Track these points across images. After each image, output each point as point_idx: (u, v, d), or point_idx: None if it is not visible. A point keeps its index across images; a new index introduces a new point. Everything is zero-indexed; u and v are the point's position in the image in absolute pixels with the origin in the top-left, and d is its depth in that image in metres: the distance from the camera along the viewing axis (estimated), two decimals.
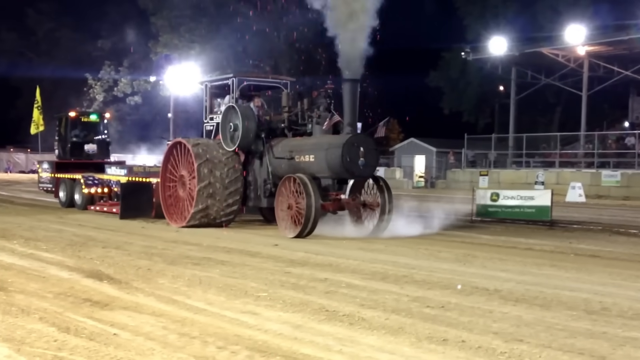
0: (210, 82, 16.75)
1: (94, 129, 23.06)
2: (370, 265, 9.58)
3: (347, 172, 13.02)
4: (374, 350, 5.33)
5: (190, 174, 14.74)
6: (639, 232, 14.11)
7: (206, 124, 16.56)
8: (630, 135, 34.31)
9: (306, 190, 12.63)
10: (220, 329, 5.92)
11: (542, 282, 8.34)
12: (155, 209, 16.21)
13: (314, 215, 12.61)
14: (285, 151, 14.03)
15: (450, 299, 7.21)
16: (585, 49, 33.88)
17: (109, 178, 18.91)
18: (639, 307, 6.85)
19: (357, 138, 12.94)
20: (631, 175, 30.06)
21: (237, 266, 9.39)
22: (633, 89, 38.60)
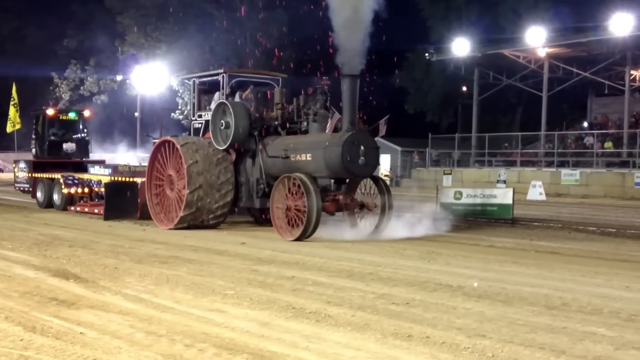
0: (198, 79, 16.01)
1: (72, 127, 22.10)
2: (336, 262, 9.59)
3: (347, 172, 12.39)
4: (340, 346, 5.34)
5: (179, 174, 14.10)
6: (598, 229, 14.33)
7: (194, 122, 15.92)
8: (588, 135, 34.85)
9: (307, 190, 11.98)
10: (187, 327, 5.88)
11: (504, 278, 8.42)
12: (140, 210, 15.56)
13: (315, 217, 11.92)
14: (279, 150, 13.36)
15: (415, 296, 7.26)
16: (546, 50, 34.32)
17: (89, 178, 18.28)
18: (598, 303, 6.96)
19: (358, 136, 12.30)
20: (590, 174, 30.54)
21: (205, 264, 9.33)
22: (591, 90, 39.20)
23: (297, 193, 12.23)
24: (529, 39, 33.58)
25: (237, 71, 15.70)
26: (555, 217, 17.70)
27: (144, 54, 46.49)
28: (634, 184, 28.29)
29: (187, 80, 16.34)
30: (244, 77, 15.46)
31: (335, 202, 12.56)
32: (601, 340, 5.53)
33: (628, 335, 5.68)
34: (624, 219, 17.52)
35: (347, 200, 12.70)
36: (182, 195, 13.78)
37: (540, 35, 33.26)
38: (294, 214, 12.25)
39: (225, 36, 46.44)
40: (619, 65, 33.85)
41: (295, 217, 12.23)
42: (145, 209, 15.13)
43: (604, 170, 30.75)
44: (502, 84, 38.96)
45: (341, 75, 12.32)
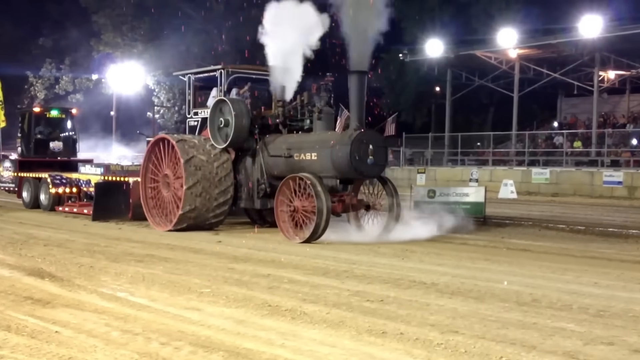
0: (194, 75, 15.27)
1: (59, 126, 21.31)
2: (312, 260, 9.59)
3: (355, 172, 11.79)
4: (315, 343, 5.34)
5: (175, 173, 13.38)
6: (567, 227, 14.47)
7: (189, 120, 15.21)
8: (558, 135, 35.20)
9: (316, 191, 11.37)
10: (163, 325, 5.84)
11: (476, 275, 8.48)
12: (132, 210, 14.83)
13: (325, 219, 11.36)
14: (282, 149, 12.75)
15: (389, 293, 7.28)
16: (517, 52, 34.57)
17: (78, 177, 17.58)
18: (568, 299, 7.03)
19: (366, 135, 11.75)
20: (559, 172, 30.84)
21: (181, 263, 9.28)
22: (561, 90, 39.57)
23: (305, 194, 11.67)
24: (501, 40, 33.81)
25: (236, 67, 14.91)
26: (525, 215, 17.83)
27: (119, 53, 46.09)
28: (602, 183, 28.61)
29: (182, 76, 15.57)
30: (242, 74, 14.76)
31: (341, 203, 11.95)
32: (570, 336, 5.59)
33: (596, 331, 5.75)
34: (593, 217, 17.72)
35: (353, 200, 12.25)
36: (179, 195, 13.11)
37: (512, 36, 33.50)
38: (302, 216, 11.68)
39: (202, 36, 46.19)
40: (587, 67, 34.21)
41: (303, 219, 11.67)
42: (137, 210, 14.52)
43: (573, 169, 31.06)
44: (475, 85, 39.20)
45: (349, 71, 11.83)
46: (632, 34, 29.18)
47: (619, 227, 14.72)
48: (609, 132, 32.58)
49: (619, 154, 31.59)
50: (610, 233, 13.58)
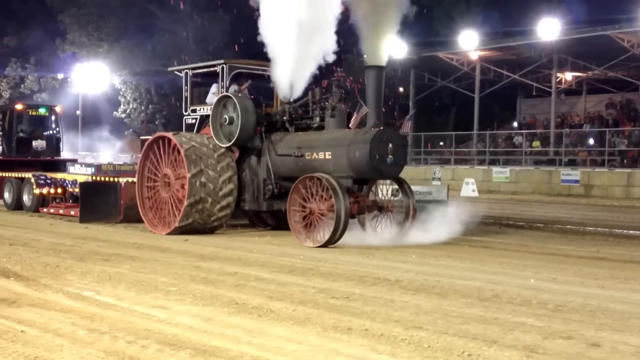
0: (192, 70, 14.21)
1: (42, 124, 20.39)
2: (278, 258, 9.57)
3: (375, 172, 11.09)
4: (282, 340, 5.33)
5: (176, 173, 12.50)
6: (526, 224, 14.66)
7: (186, 117, 14.13)
8: (518, 135, 35.68)
9: (334, 192, 10.62)
10: (130, 324, 5.78)
11: (439, 272, 8.54)
12: (123, 212, 14.06)
13: (344, 221, 10.61)
14: (291, 147, 11.98)
15: (355, 290, 7.29)
16: (478, 53, 34.92)
17: (63, 177, 16.69)
18: (527, 294, 7.12)
19: (386, 133, 11.11)
20: (519, 171, 31.24)
21: (147, 261, 9.19)
22: (520, 91, 40.07)
23: (320, 195, 10.96)
24: (462, 42, 34.14)
25: (238, 62, 13.90)
26: (486, 212, 18.04)
27: (85, 53, 45.52)
28: (559, 181, 29.06)
29: (179, 72, 14.55)
30: (243, 69, 13.76)
31: (356, 204, 11.15)
32: (530, 330, 5.66)
33: (555, 325, 5.83)
34: (551, 214, 17.98)
35: (368, 202, 11.61)
36: (180, 196, 12.34)
37: (473, 39, 33.85)
38: (317, 219, 10.95)
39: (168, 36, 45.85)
40: (546, 68, 34.71)
41: (318, 222, 10.95)
42: (129, 212, 13.80)
43: (532, 168, 31.50)
44: (437, 85, 39.51)
45: (365, 66, 11.28)
46: (588, 36, 29.71)
47: (576, 224, 14.97)
48: (567, 132, 33.12)
49: (576, 153, 32.14)
50: (568, 230, 13.80)
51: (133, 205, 13.59)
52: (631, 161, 29.48)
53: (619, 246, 11.45)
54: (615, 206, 22.03)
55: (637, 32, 28.55)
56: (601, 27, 29.34)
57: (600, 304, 6.65)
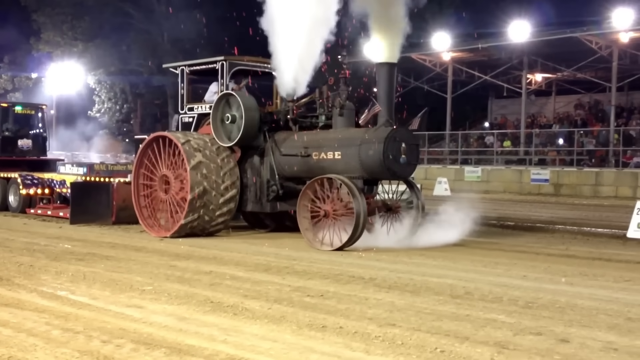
0: (188, 67, 13.48)
1: (28, 123, 19.61)
2: (253, 257, 9.54)
3: (388, 172, 10.63)
4: (257, 338, 5.32)
5: (176, 174, 11.93)
6: (498, 222, 14.77)
7: (183, 116, 13.46)
8: (489, 135, 35.94)
9: (352, 193, 10.15)
10: (104, 323, 5.72)
11: (412, 270, 8.57)
12: (116, 214, 13.49)
13: (362, 223, 10.15)
14: (297, 147, 11.51)
15: (329, 288, 7.30)
16: (450, 55, 35.12)
17: (50, 177, 16.05)
18: (498, 291, 7.17)
19: (399, 132, 10.66)
20: (490, 170, 31.47)
21: (122, 261, 9.11)
22: (492, 92, 40.36)
23: (331, 196, 10.51)
24: (435, 44, 34.30)
25: (239, 58, 13.12)
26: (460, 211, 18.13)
27: (59, 52, 45.02)
28: (530, 180, 29.33)
29: (174, 69, 13.75)
30: (244, 66, 13.10)
31: (367, 206, 10.51)
32: (501, 327, 5.70)
33: (525, 322, 5.88)
34: (521, 213, 18.13)
35: (378, 203, 11.20)
36: (179, 197, 11.77)
37: (445, 40, 34.03)
38: (331, 221, 10.46)
39: (143, 36, 45.52)
40: (516, 70, 35.00)
41: (330, 224, 10.47)
42: (121, 213, 13.34)
43: (503, 167, 31.75)
44: (410, 86, 39.65)
45: (377, 63, 10.85)
46: (557, 39, 30.02)
47: (545, 222, 15.12)
48: (537, 132, 33.44)
49: (546, 153, 32.48)
50: (538, 228, 13.93)
51: (126, 206, 13.20)
52: (599, 161, 29.86)
53: (587, 244, 11.58)
54: (583, 205, 22.29)
55: (605, 34, 28.92)
56: (570, 30, 29.67)
57: (569, 300, 6.73)
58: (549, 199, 25.57)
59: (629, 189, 26.22)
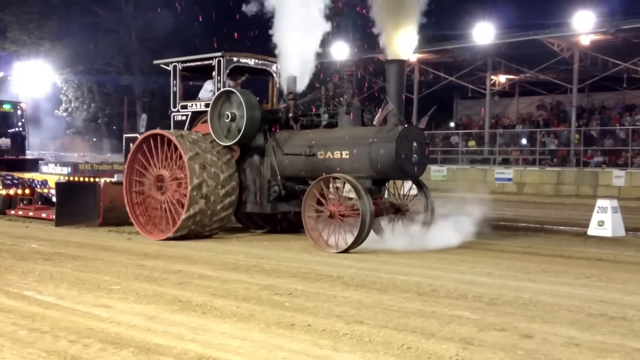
0: (182, 63, 12.74)
1: (6, 121, 18.74)
2: (222, 256, 9.49)
3: (400, 172, 10.29)
4: (225, 337, 5.29)
5: (172, 174, 11.41)
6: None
7: (175, 114, 12.74)
8: (454, 135, 36.25)
9: (358, 193, 9.82)
10: (72, 323, 5.64)
11: (380, 267, 8.61)
12: (103, 215, 12.96)
13: (369, 224, 9.81)
14: (301, 146, 11.06)
15: (297, 286, 7.29)
16: (416, 56, 35.31)
17: (31, 177, 15.43)
18: (463, 288, 7.24)
19: (411, 131, 10.37)
20: (456, 170, 31.75)
21: (90, 260, 9.00)
22: (457, 93, 40.70)
23: (341, 197, 10.24)
24: None
25: (236, 54, 12.45)
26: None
27: (26, 51, 44.31)
28: (494, 179, 29.65)
29: (166, 65, 13.01)
30: (241, 63, 12.48)
31: (375, 206, 10.17)
32: (466, 323, 5.75)
33: (490, 318, 5.94)
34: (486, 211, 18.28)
35: (386, 203, 10.82)
36: (176, 198, 11.26)
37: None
38: (337, 221, 10.11)
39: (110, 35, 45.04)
40: (480, 71, 35.34)
41: (335, 225, 10.13)
42: (109, 214, 12.87)
43: (468, 166, 32.06)
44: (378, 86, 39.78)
45: (386, 60, 10.48)
46: (520, 41, 30.37)
47: (509, 220, 15.30)
48: (500, 132, 33.81)
49: (509, 152, 32.85)
50: (502, 226, 14.07)
51: (113, 207, 12.79)
52: (561, 160, 30.30)
53: (549, 241, 11.73)
54: (546, 203, 22.61)
55: (566, 37, 29.34)
56: (532, 32, 30.03)
57: (532, 296, 6.81)
58: (512, 197, 25.87)
59: (590, 188, 26.66)
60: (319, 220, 10.36)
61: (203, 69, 12.65)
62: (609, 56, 29.96)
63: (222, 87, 11.91)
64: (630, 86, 33.11)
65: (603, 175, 26.88)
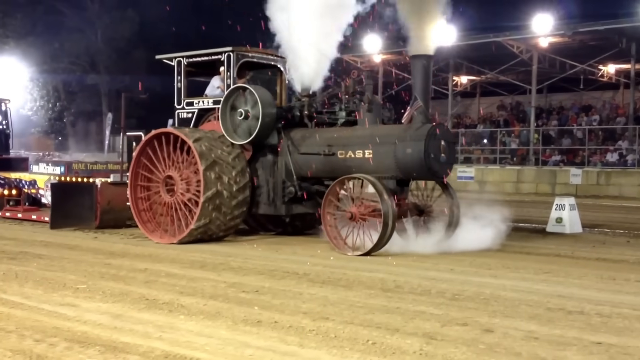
0: (187, 58, 11.93)
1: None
2: (189, 254, 9.42)
3: (428, 172, 9.70)
4: (192, 335, 5.25)
5: (183, 176, 10.74)
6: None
7: (180, 111, 11.95)
8: None
9: (380, 194, 9.35)
10: (37, 322, 5.55)
11: (345, 265, 8.62)
12: (100, 217, 12.27)
13: (392, 226, 9.33)
14: (319, 145, 10.47)
15: (264, 284, 7.27)
16: (381, 57, 35.49)
17: (18, 177, 14.71)
18: (427, 284, 7.29)
19: (439, 129, 9.84)
20: None
21: (56, 259, 8.85)
22: None
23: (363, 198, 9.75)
24: (366, 46, 34.58)
25: (246, 50, 11.73)
26: None
27: None
28: (456, 178, 29.91)
29: (169, 60, 12.13)
30: (251, 58, 11.82)
31: (398, 207, 9.65)
32: (430, 318, 5.79)
33: (452, 313, 5.99)
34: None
35: (410, 204, 10.26)
36: (185, 199, 10.64)
37: (376, 43, 34.34)
38: (359, 223, 9.59)
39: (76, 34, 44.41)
40: (443, 72, 35.64)
41: (356, 227, 9.59)
42: (106, 216, 12.23)
43: None
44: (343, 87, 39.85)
45: (412, 55, 9.93)
46: (481, 43, 30.74)
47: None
48: (462, 131, 34.14)
49: (471, 151, 33.20)
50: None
51: (111, 209, 12.27)
52: (520, 159, 30.73)
53: (509, 238, 11.79)
54: (506, 201, 22.86)
55: (526, 39, 29.76)
56: (493, 34, 30.41)
57: (493, 292, 6.89)
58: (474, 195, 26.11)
59: (548, 186, 27.10)
60: (337, 221, 9.86)
61: (208, 65, 12.05)
62: (567, 58, 30.48)
63: (233, 83, 11.25)
64: (586, 87, 33.71)
65: (561, 174, 27.34)
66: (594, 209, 18.02)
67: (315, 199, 10.82)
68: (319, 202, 10.22)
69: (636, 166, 26.36)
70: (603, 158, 28.15)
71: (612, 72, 32.24)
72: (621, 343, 5.06)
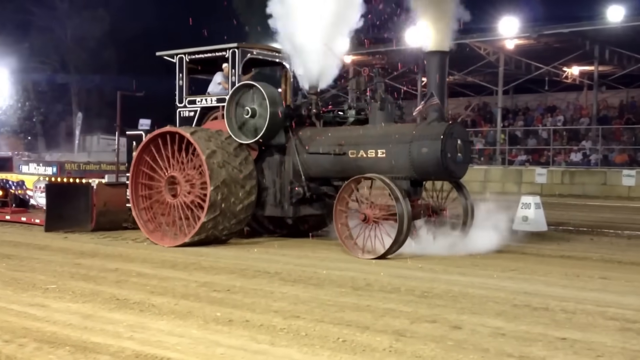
0: (189, 55, 11.49)
1: None
2: (160, 254, 9.34)
3: (445, 172, 9.35)
4: (163, 334, 5.20)
5: (186, 176, 10.37)
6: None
7: (182, 110, 11.52)
8: None
9: (394, 195, 8.94)
10: (6, 323, 5.46)
11: (316, 264, 8.63)
12: (96, 219, 11.84)
13: (407, 228, 8.95)
14: (329, 145, 10.06)
15: (236, 283, 7.24)
16: (351, 58, 35.55)
17: (5, 178, 14.05)
18: (397, 282, 7.32)
19: (456, 128, 9.56)
20: None
21: (25, 260, 8.72)
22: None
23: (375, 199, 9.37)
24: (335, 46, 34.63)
25: (251, 46, 11.42)
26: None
27: None
28: None
29: (170, 57, 11.69)
30: (257, 55, 11.42)
31: (413, 209, 9.26)
32: (399, 316, 5.82)
33: (421, 310, 6.03)
34: None
35: (424, 205, 9.86)
36: (189, 201, 10.27)
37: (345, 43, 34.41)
38: (373, 225, 9.22)
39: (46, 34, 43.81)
40: (412, 73, 35.83)
41: (369, 229, 9.23)
42: (102, 218, 11.82)
43: None
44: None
45: (427, 52, 9.64)
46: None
47: None
48: None
49: None
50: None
51: (107, 210, 11.89)
52: (487, 159, 31.02)
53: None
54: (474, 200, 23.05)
55: (493, 41, 30.03)
56: (460, 36, 30.60)
57: (461, 289, 6.94)
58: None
59: (515, 185, 27.38)
60: (348, 222, 9.54)
61: (210, 62, 11.66)
62: (532, 60, 30.83)
63: (238, 81, 10.84)
64: (551, 88, 34.13)
65: (527, 173, 27.64)
66: (559, 208, 18.26)
67: (323, 200, 10.57)
68: (327, 204, 9.98)
69: (599, 166, 26.77)
70: (567, 158, 28.55)
71: (576, 74, 32.68)
72: (585, 338, 5.13)
